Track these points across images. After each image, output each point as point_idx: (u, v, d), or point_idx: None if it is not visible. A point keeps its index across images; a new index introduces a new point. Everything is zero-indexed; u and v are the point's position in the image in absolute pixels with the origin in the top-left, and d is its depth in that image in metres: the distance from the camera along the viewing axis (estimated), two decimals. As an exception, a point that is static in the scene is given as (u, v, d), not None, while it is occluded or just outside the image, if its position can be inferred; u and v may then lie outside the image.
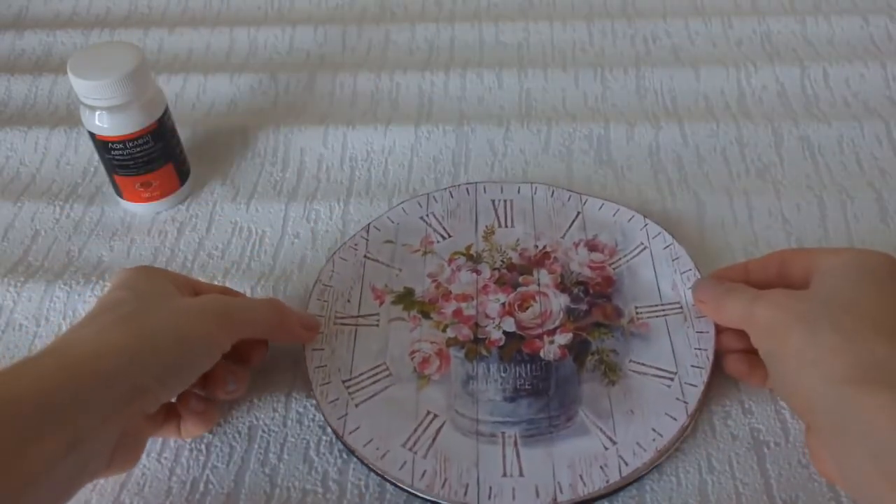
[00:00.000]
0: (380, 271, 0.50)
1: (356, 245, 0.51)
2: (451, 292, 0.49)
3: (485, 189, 0.55)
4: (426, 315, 0.48)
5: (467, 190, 0.55)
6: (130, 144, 0.52)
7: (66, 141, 0.61)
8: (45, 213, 0.56)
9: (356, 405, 0.44)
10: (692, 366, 0.44)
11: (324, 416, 0.43)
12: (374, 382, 0.45)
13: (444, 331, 0.47)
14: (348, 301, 0.48)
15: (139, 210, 0.56)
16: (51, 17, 0.75)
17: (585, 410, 0.43)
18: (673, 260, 0.49)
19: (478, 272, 0.50)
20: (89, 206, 0.57)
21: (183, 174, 0.56)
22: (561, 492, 0.40)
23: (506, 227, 0.52)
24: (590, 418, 0.42)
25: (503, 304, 0.48)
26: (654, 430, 0.41)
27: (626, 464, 0.40)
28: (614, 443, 0.41)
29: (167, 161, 0.54)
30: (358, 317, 0.48)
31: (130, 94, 0.50)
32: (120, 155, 0.52)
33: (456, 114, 0.62)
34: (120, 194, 0.55)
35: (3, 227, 0.56)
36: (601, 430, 0.42)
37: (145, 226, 0.55)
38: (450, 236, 0.52)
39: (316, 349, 0.46)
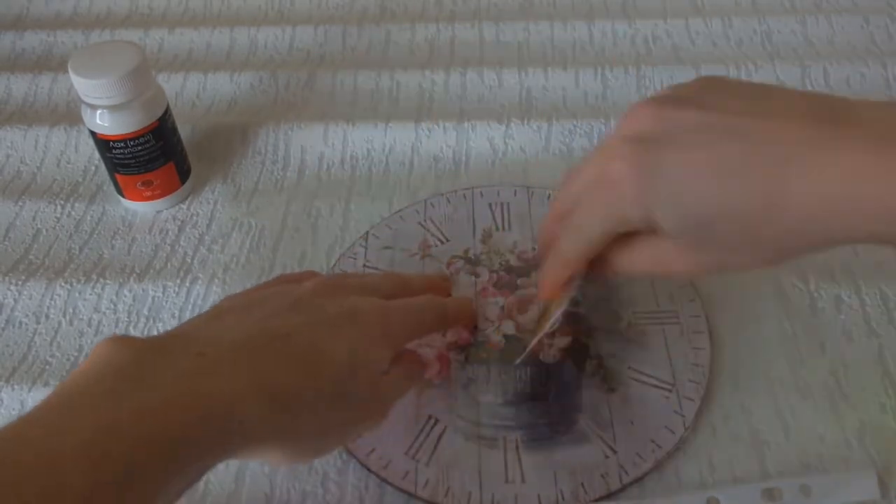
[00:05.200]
0: None
1: (355, 254, 0.51)
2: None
3: (482, 193, 0.55)
4: None
5: (464, 195, 0.55)
6: (131, 143, 0.52)
7: (66, 139, 0.61)
8: (46, 212, 0.56)
9: None
10: (689, 380, 0.44)
11: None
12: None
13: (444, 334, 0.47)
14: None
15: (140, 209, 0.56)
16: (51, 17, 0.75)
17: (586, 418, 0.43)
18: None
19: (476, 275, 0.50)
20: (90, 205, 0.57)
21: (184, 173, 0.56)
22: (563, 499, 0.40)
23: (503, 230, 0.52)
24: (590, 426, 0.43)
25: (502, 307, 0.48)
26: (652, 441, 0.42)
27: (627, 473, 0.40)
28: (615, 452, 0.41)
29: (168, 160, 0.54)
30: None
31: (131, 93, 0.50)
32: (121, 154, 0.52)
33: (456, 111, 0.62)
34: (121, 193, 0.55)
35: (4, 226, 0.56)
36: (601, 438, 0.42)
37: (146, 224, 0.55)
38: (448, 240, 0.52)
39: None
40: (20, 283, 0.52)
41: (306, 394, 0.34)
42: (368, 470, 0.41)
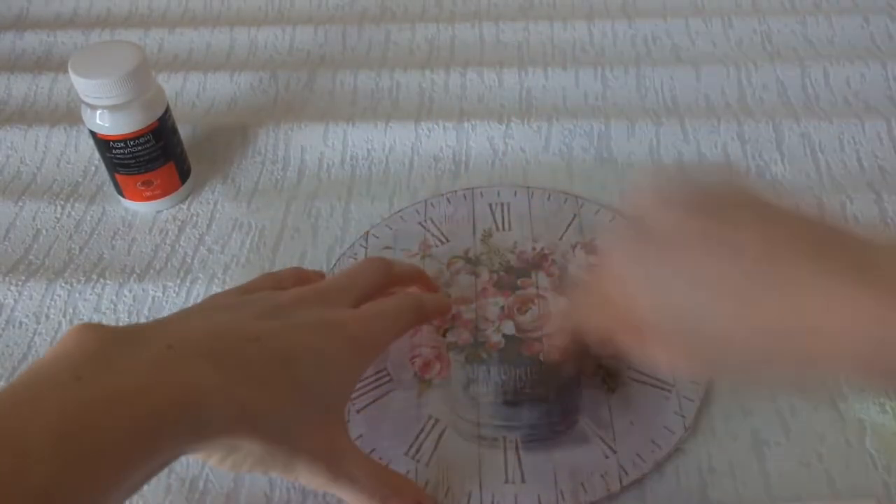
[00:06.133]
0: None
1: (355, 255, 0.51)
2: (450, 296, 0.49)
3: (482, 194, 0.55)
4: None
5: (464, 195, 0.55)
6: (131, 143, 0.52)
7: (66, 139, 0.61)
8: (46, 212, 0.56)
9: (357, 411, 0.44)
10: (689, 381, 0.44)
11: None
12: (375, 388, 0.45)
13: (444, 335, 0.47)
14: None
15: (140, 209, 0.56)
16: (51, 17, 0.75)
17: (586, 418, 0.43)
18: None
19: (476, 275, 0.50)
20: (90, 205, 0.57)
21: (184, 173, 0.56)
22: (563, 499, 0.40)
23: (503, 230, 0.52)
24: (590, 426, 0.42)
25: (502, 307, 0.48)
26: (653, 441, 0.42)
27: (627, 473, 0.40)
28: (614, 452, 0.41)
29: (168, 160, 0.54)
30: None
31: (131, 93, 0.50)
32: (121, 154, 0.52)
33: (456, 111, 0.62)
34: (121, 193, 0.55)
35: (4, 226, 0.56)
36: (601, 439, 0.42)
37: (146, 224, 0.55)
38: (448, 241, 0.52)
39: None
40: (20, 283, 0.52)
41: (274, 402, 0.34)
42: None
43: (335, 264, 0.51)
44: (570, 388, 0.44)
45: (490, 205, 0.54)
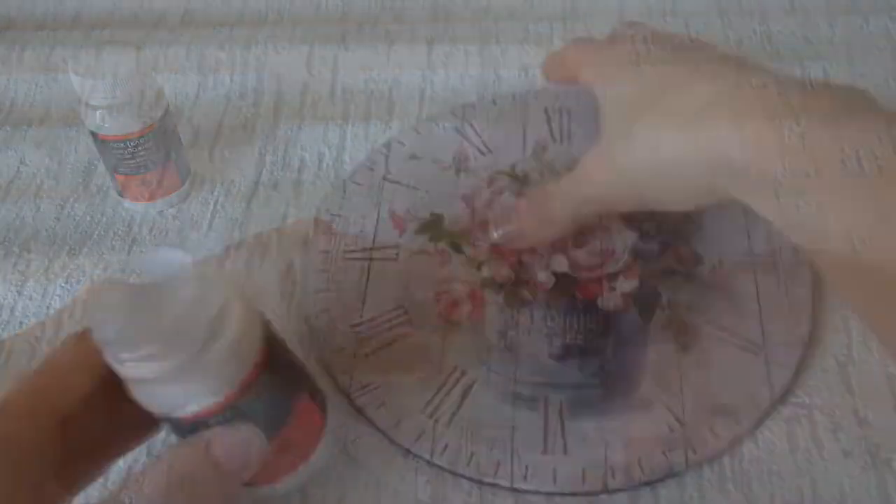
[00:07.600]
0: (401, 194, 0.42)
1: (373, 165, 0.43)
2: (488, 221, 0.41)
3: (536, 96, 0.45)
4: (457, 248, 0.40)
5: (514, 96, 0.45)
6: (131, 143, 0.52)
7: (66, 139, 0.61)
8: (46, 212, 0.56)
9: (366, 355, 0.37)
10: (782, 343, 0.36)
11: (327, 370, 0.36)
12: (389, 329, 0.38)
13: (478, 268, 0.40)
14: (361, 231, 0.41)
15: (140, 209, 0.56)
16: (51, 17, 0.75)
17: (649, 381, 0.36)
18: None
19: (523, 197, 0.42)
20: (90, 206, 0.57)
21: (184, 173, 0.56)
22: (613, 477, 0.33)
23: (561, 142, 0.44)
24: (654, 391, 0.36)
25: None
26: (730, 414, 0.34)
27: (695, 451, 0.34)
28: (682, 424, 0.34)
29: (168, 160, 0.54)
30: (372, 249, 0.40)
31: (131, 94, 0.50)
32: (121, 154, 0.52)
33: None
34: (121, 193, 0.55)
35: (4, 226, 0.56)
36: (667, 407, 0.35)
37: (147, 225, 0.55)
38: (490, 151, 0.44)
39: (319, 292, 0.39)
40: (20, 283, 0.52)
41: None
42: (375, 427, 0.35)
43: (349, 177, 0.45)
44: (632, 342, 0.37)
45: (546, 109, 0.45)
